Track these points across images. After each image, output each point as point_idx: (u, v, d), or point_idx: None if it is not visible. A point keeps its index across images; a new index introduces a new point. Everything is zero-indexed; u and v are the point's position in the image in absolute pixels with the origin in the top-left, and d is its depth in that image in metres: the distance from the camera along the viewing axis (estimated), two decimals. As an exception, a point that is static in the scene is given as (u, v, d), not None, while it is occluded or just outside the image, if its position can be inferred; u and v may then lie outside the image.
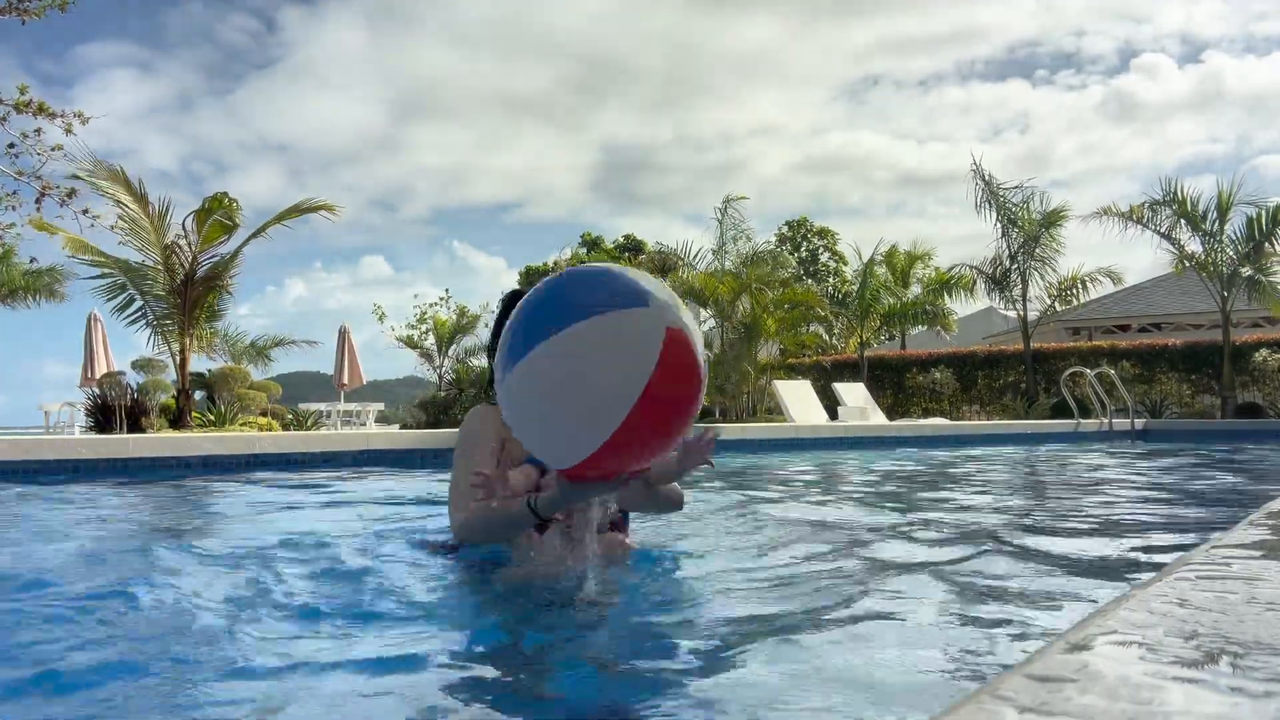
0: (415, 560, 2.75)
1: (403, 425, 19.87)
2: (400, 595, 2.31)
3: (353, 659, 1.72)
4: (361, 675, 1.63)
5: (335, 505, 4.91)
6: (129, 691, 1.57)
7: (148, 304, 12.09)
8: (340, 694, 1.55)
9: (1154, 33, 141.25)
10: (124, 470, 6.44)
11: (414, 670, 1.67)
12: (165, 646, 1.84)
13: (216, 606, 2.17)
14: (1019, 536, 3.27)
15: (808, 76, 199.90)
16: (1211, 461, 7.73)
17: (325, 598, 2.26)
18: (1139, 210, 17.50)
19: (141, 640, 1.90)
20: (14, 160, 11.70)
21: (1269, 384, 17.39)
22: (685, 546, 2.97)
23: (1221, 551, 1.53)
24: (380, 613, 2.12)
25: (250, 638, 1.89)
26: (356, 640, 1.87)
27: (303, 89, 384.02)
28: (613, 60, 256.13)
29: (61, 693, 1.57)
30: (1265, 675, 0.85)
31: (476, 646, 1.93)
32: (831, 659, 1.70)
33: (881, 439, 10.82)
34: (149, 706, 1.51)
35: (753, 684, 1.59)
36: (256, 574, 2.57)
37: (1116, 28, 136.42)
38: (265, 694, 1.54)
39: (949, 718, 0.73)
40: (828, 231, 42.78)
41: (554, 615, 2.07)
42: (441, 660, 1.76)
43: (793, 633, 1.90)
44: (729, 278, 17.90)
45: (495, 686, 1.64)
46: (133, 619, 2.09)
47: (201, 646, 1.83)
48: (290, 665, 1.68)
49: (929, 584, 2.40)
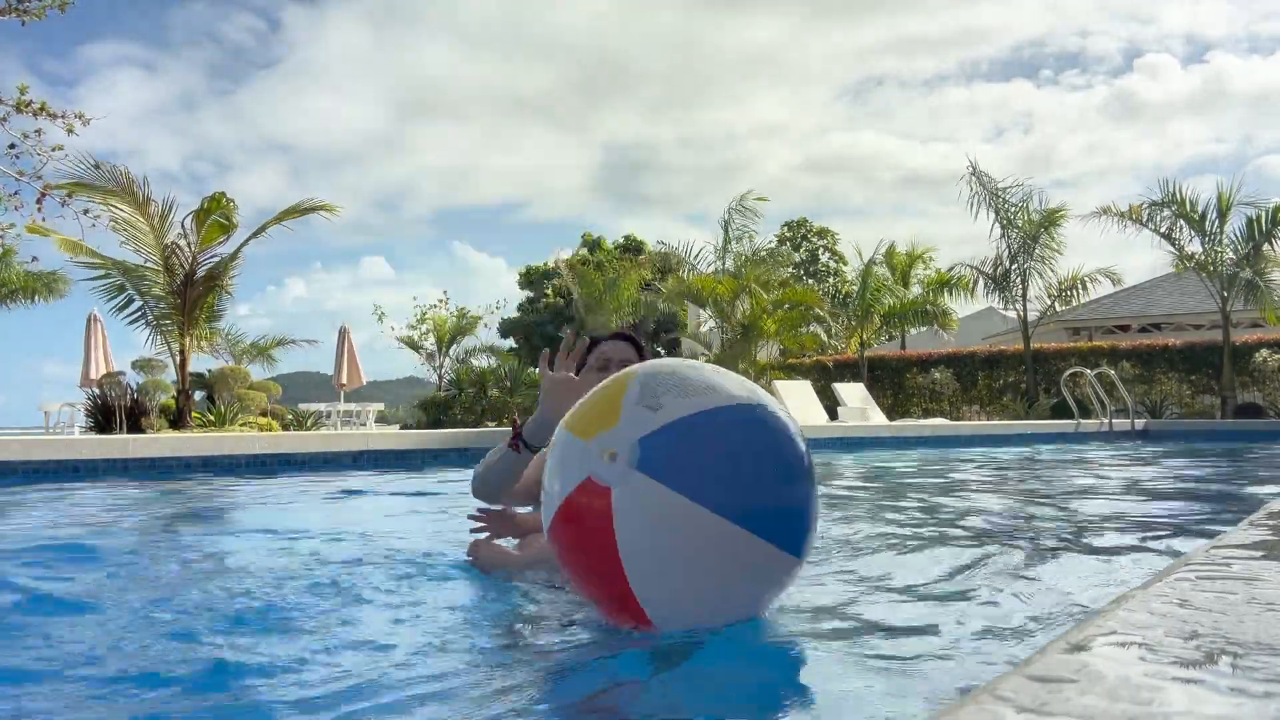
0: (415, 558, 2.74)
1: (403, 425, 19.88)
2: (399, 594, 2.31)
3: (352, 658, 1.72)
4: (352, 675, 1.63)
5: (335, 505, 4.91)
6: (127, 693, 1.57)
7: (147, 304, 12.09)
8: (337, 694, 1.55)
9: (1158, 33, 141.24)
10: (124, 471, 6.44)
11: (415, 669, 1.67)
12: (163, 647, 1.84)
13: (216, 607, 2.17)
14: (1018, 537, 3.27)
15: (811, 76, 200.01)
16: (1211, 462, 7.73)
17: (325, 598, 2.26)
18: (1138, 210, 17.50)
19: (140, 640, 1.90)
20: (15, 161, 11.69)
21: (1269, 384, 17.40)
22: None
23: (1222, 552, 1.53)
24: (379, 611, 2.12)
25: (250, 638, 1.89)
26: (355, 640, 1.87)
27: (306, 88, 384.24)
28: (616, 60, 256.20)
29: (61, 692, 1.57)
30: (1266, 676, 0.85)
31: (482, 645, 1.93)
32: (830, 659, 1.70)
33: (881, 439, 10.82)
34: (148, 707, 1.51)
35: (749, 684, 1.59)
36: (256, 574, 2.57)
37: (1121, 28, 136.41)
38: (266, 694, 1.54)
39: (949, 718, 0.73)
40: (827, 231, 42.80)
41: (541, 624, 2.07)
42: (450, 658, 1.76)
43: (789, 633, 1.90)
44: (728, 278, 17.89)
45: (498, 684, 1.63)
46: (132, 620, 2.09)
47: (201, 647, 1.83)
48: (288, 666, 1.68)
49: (927, 584, 2.40)
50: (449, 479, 6.19)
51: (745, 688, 1.57)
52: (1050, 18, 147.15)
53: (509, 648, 1.89)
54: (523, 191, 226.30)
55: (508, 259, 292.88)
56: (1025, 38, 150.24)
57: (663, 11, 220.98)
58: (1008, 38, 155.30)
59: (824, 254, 42.04)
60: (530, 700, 1.54)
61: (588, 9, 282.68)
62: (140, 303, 12.13)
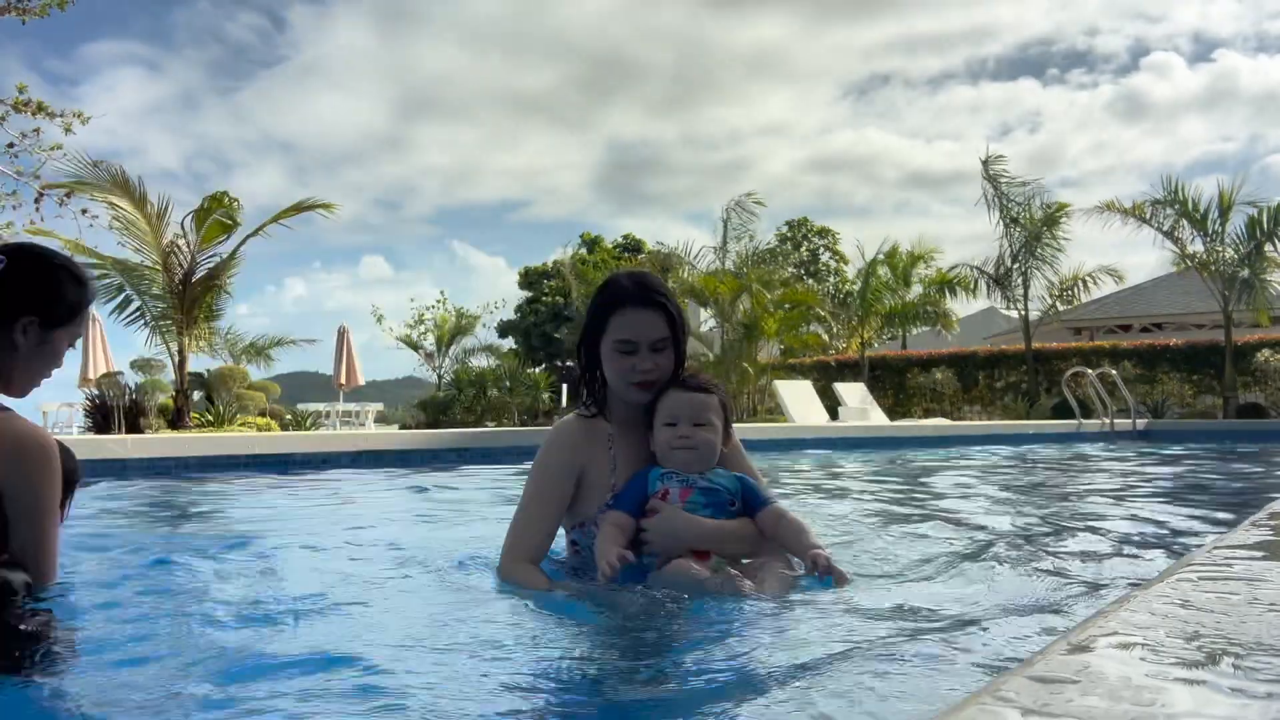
0: (415, 558, 2.74)
1: (402, 425, 19.89)
2: (398, 593, 2.30)
3: (347, 659, 1.71)
4: (347, 674, 1.62)
5: (334, 505, 4.91)
6: (126, 693, 1.56)
7: (145, 304, 12.10)
8: (330, 693, 1.54)
9: (1167, 31, 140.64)
10: (122, 471, 6.44)
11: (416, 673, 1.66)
12: (161, 647, 1.83)
13: (215, 607, 2.16)
14: (1019, 537, 3.26)
15: (817, 74, 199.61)
16: (1213, 462, 7.72)
17: (325, 598, 2.25)
18: (1140, 207, 17.48)
19: (138, 640, 1.89)
20: (13, 160, 11.70)
21: (1271, 384, 17.40)
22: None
23: (1223, 552, 1.53)
24: (379, 611, 2.11)
25: (249, 638, 1.88)
26: (354, 639, 1.86)
27: (309, 87, 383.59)
28: (621, 58, 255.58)
29: (60, 692, 1.56)
30: (1267, 676, 0.84)
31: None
32: (830, 659, 1.69)
33: (882, 439, 10.82)
34: (148, 706, 1.50)
35: (747, 684, 1.58)
36: (255, 574, 2.56)
37: (1130, 26, 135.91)
38: (265, 694, 1.53)
39: (950, 718, 0.72)
40: (828, 231, 42.82)
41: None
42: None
43: (789, 633, 1.89)
44: (729, 277, 17.90)
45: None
46: (130, 620, 2.08)
47: (200, 647, 1.82)
48: (288, 665, 1.67)
49: (927, 584, 2.39)
50: (449, 478, 6.19)
51: (746, 688, 1.57)
52: (1060, 16, 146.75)
53: (505, 642, 1.88)
54: (524, 191, 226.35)
55: (508, 259, 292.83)
56: (1033, 36, 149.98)
57: (670, 9, 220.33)
58: (1016, 36, 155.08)
59: (824, 254, 42.07)
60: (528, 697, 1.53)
61: (594, 7, 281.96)
62: (139, 302, 12.14)
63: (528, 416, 18.33)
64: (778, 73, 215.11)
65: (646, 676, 1.67)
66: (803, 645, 1.80)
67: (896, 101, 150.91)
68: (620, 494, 2.26)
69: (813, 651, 1.75)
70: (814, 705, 1.46)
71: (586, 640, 1.95)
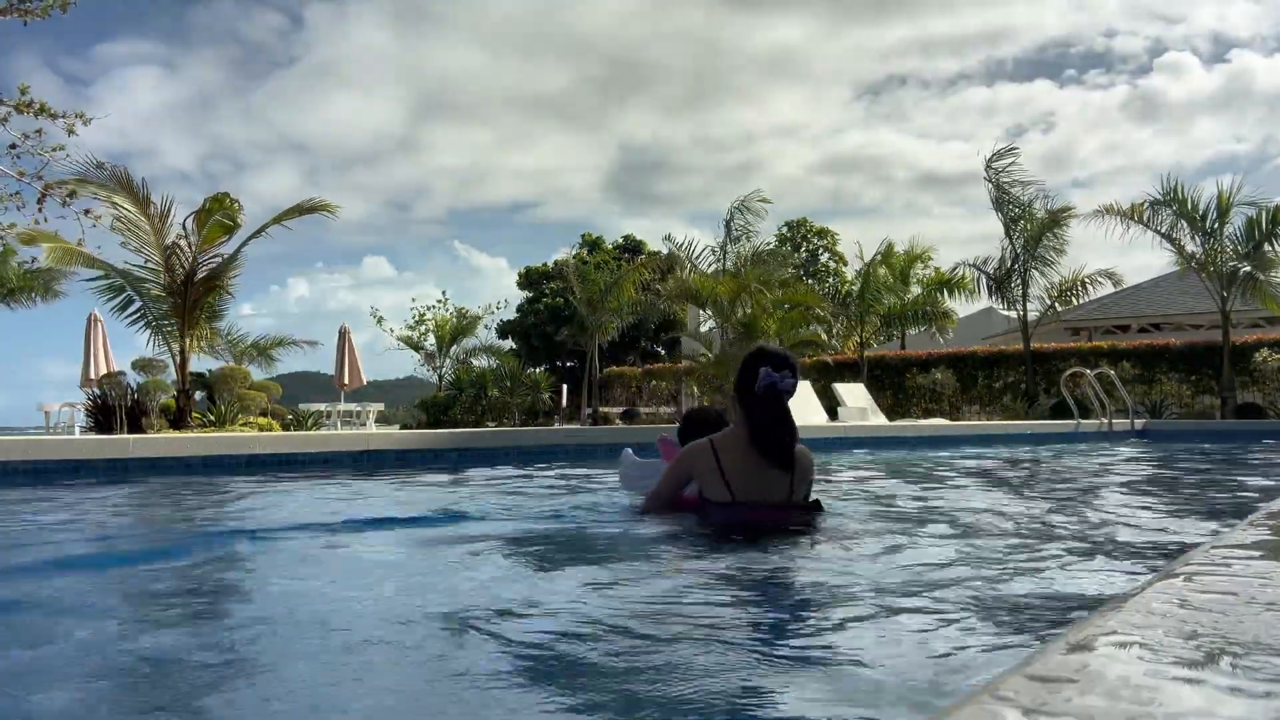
0: (415, 557, 2.75)
1: (403, 425, 19.87)
2: (397, 591, 2.31)
3: (349, 658, 1.72)
4: (348, 676, 1.63)
5: (334, 505, 4.91)
6: (126, 693, 1.57)
7: (147, 304, 12.08)
8: (329, 696, 1.55)
9: (1185, 32, 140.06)
10: (124, 471, 6.44)
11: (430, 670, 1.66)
12: (162, 648, 1.84)
13: (215, 607, 2.17)
14: (1018, 537, 3.27)
15: (833, 76, 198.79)
16: (1211, 462, 7.73)
17: (325, 598, 2.26)
18: (1139, 209, 17.46)
19: (138, 641, 1.90)
20: (15, 161, 11.70)
21: (1269, 384, 17.38)
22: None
23: (1221, 552, 1.54)
24: (378, 610, 2.12)
25: (249, 638, 1.89)
26: (352, 636, 1.87)
27: (324, 88, 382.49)
28: (638, 60, 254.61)
29: (60, 692, 1.57)
30: (1265, 676, 0.85)
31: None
32: (830, 659, 1.70)
33: (881, 439, 10.82)
34: (147, 707, 1.51)
35: (746, 684, 1.59)
36: (256, 574, 2.57)
37: (1149, 27, 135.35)
38: (265, 695, 1.55)
39: (949, 718, 0.73)
40: (827, 231, 42.80)
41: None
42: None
43: (789, 633, 1.90)
44: (729, 278, 17.88)
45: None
46: (130, 620, 2.09)
47: (199, 647, 1.83)
48: (287, 665, 1.68)
49: (926, 584, 2.40)
50: (448, 479, 6.20)
51: (744, 688, 1.58)
52: (1078, 17, 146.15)
53: (504, 642, 1.89)
54: (536, 192, 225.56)
55: (510, 259, 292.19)
56: (1051, 38, 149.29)
57: (687, 10, 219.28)
58: (1033, 38, 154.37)
59: (824, 254, 42.04)
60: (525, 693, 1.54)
61: (610, 8, 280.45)
62: (140, 303, 12.12)
63: (528, 417, 18.32)
64: (794, 74, 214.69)
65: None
66: (799, 646, 1.81)
67: (910, 103, 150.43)
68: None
69: (809, 652, 1.76)
70: (812, 706, 1.47)
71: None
